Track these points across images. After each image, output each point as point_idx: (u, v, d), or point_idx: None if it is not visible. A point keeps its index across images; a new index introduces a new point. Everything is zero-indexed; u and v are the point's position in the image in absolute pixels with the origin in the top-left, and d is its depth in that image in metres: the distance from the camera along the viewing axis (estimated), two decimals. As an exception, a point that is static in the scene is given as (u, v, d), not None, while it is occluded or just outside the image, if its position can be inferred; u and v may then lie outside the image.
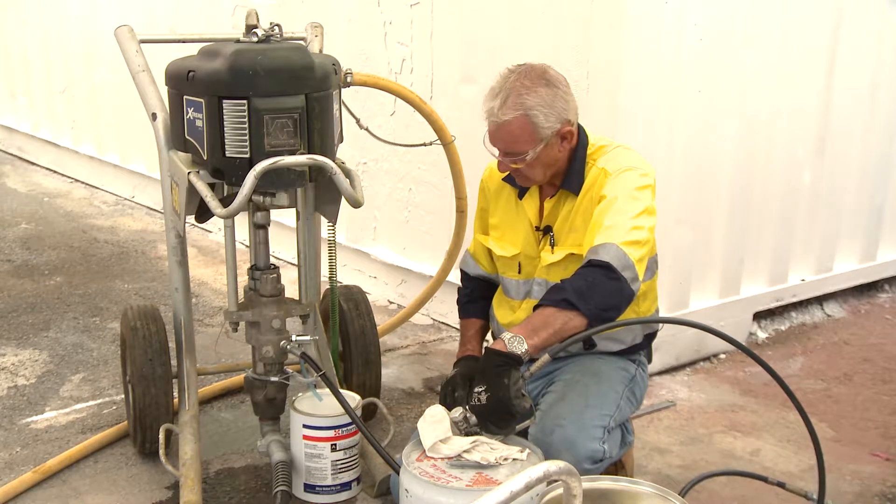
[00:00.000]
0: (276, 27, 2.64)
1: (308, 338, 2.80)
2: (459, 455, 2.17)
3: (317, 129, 2.53)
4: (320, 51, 3.11)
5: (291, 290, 3.06)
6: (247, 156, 2.46)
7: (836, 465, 3.16)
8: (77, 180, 7.16)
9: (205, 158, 2.53)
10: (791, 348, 4.29)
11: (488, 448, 2.19)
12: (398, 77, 4.41)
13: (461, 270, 2.96)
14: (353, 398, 2.92)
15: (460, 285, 2.96)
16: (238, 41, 2.60)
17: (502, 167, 2.56)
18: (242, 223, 2.87)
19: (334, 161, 2.57)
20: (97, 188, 6.94)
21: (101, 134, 6.87)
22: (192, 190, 2.59)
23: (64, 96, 7.19)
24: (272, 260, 2.89)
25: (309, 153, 2.50)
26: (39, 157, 7.66)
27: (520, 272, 2.71)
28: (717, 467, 3.12)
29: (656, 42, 3.61)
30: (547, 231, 2.64)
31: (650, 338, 2.79)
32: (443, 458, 2.18)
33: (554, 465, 1.60)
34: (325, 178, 2.59)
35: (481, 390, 2.23)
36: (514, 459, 2.19)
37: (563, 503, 1.68)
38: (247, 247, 2.97)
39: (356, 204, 2.60)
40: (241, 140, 2.46)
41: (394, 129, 4.34)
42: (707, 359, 4.09)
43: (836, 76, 4.35)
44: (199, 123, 2.51)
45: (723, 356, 4.11)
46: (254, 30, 2.60)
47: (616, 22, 3.53)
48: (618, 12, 3.53)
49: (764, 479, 2.77)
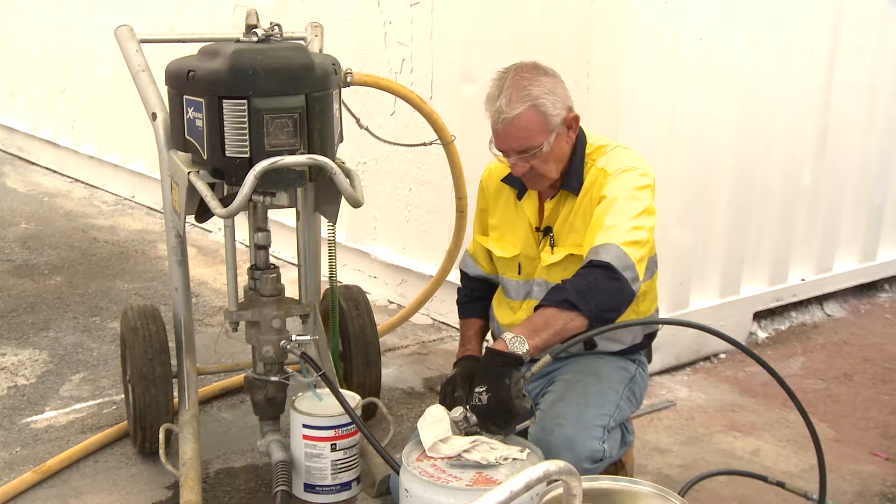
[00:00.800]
0: (275, 27, 2.64)
1: (308, 337, 2.80)
2: (459, 455, 2.17)
3: (317, 129, 2.53)
4: (320, 50, 3.11)
5: (291, 290, 3.06)
6: (247, 155, 2.46)
7: (836, 464, 3.16)
8: (77, 180, 7.16)
9: (205, 158, 2.53)
10: (791, 348, 4.29)
11: (488, 448, 2.19)
12: (398, 77, 4.41)
13: (461, 271, 2.96)
14: (353, 398, 2.92)
15: (460, 285, 2.96)
16: (238, 41, 2.60)
17: (519, 169, 2.51)
18: (242, 223, 2.87)
19: (334, 161, 2.57)
20: (97, 188, 6.94)
21: (101, 134, 6.87)
22: (191, 190, 2.59)
23: (64, 96, 7.19)
24: (272, 260, 2.89)
25: (309, 153, 2.50)
26: (39, 157, 7.66)
27: (520, 273, 2.71)
28: (716, 467, 3.12)
29: (656, 42, 3.61)
30: (547, 232, 2.64)
31: (650, 338, 2.79)
32: (443, 458, 2.18)
33: (554, 465, 1.60)
34: (325, 178, 2.59)
35: (482, 390, 2.23)
36: (513, 459, 2.19)
37: (563, 503, 1.68)
38: (247, 246, 2.97)
39: (356, 204, 2.60)
40: (241, 140, 2.46)
41: (394, 128, 4.34)
42: (707, 358, 4.09)
43: (836, 76, 4.35)
44: (199, 123, 2.51)
45: (723, 356, 4.11)
46: (254, 29, 2.60)
47: (616, 22, 3.53)
48: (618, 12, 3.53)
49: (764, 479, 2.77)
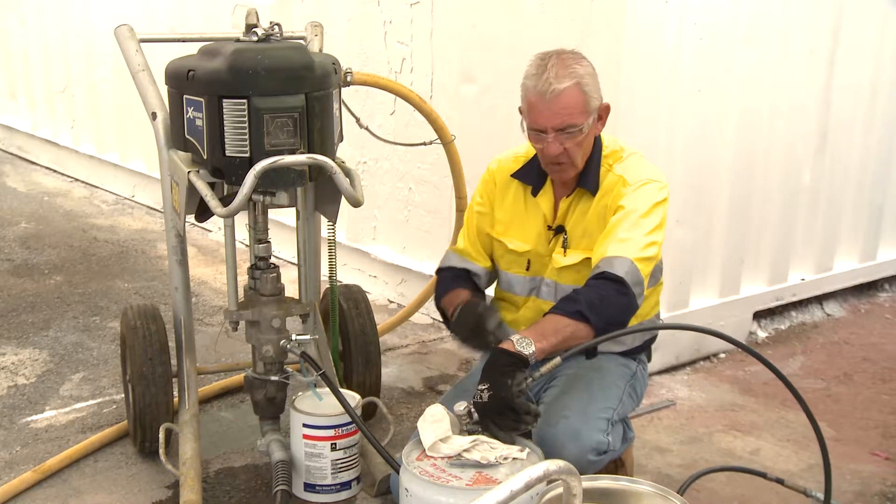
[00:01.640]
0: (275, 26, 2.64)
1: (308, 337, 2.80)
2: (459, 454, 2.17)
3: (317, 129, 2.53)
4: (320, 50, 3.11)
5: (291, 290, 3.06)
6: (247, 155, 2.46)
7: (836, 464, 3.15)
8: (77, 179, 7.15)
9: (205, 158, 2.53)
10: (791, 348, 4.29)
11: (488, 447, 2.19)
12: (398, 76, 4.41)
13: (439, 269, 2.86)
14: (353, 397, 2.92)
15: (437, 280, 2.86)
16: (238, 40, 2.60)
17: (553, 148, 2.46)
18: (242, 222, 2.87)
19: (334, 160, 2.57)
20: (97, 187, 6.94)
21: (100, 133, 6.87)
22: (191, 189, 2.59)
23: (64, 95, 7.19)
24: (272, 259, 2.89)
25: (309, 152, 2.50)
26: (39, 157, 7.66)
27: (528, 269, 2.70)
28: (716, 466, 3.13)
29: (656, 41, 3.61)
30: (559, 231, 2.63)
31: (650, 341, 2.80)
32: (443, 458, 2.18)
33: (554, 465, 1.60)
34: (325, 178, 2.59)
35: (484, 388, 2.23)
36: (513, 458, 2.19)
37: (563, 502, 1.68)
38: (246, 246, 2.97)
39: (356, 203, 2.60)
40: (240, 139, 2.46)
41: (394, 128, 4.34)
42: (707, 358, 4.09)
43: (837, 75, 4.34)
44: (198, 123, 2.51)
45: (723, 355, 4.11)
46: (254, 29, 2.60)
47: (616, 21, 3.53)
48: (618, 12, 3.53)
49: (763, 475, 2.77)
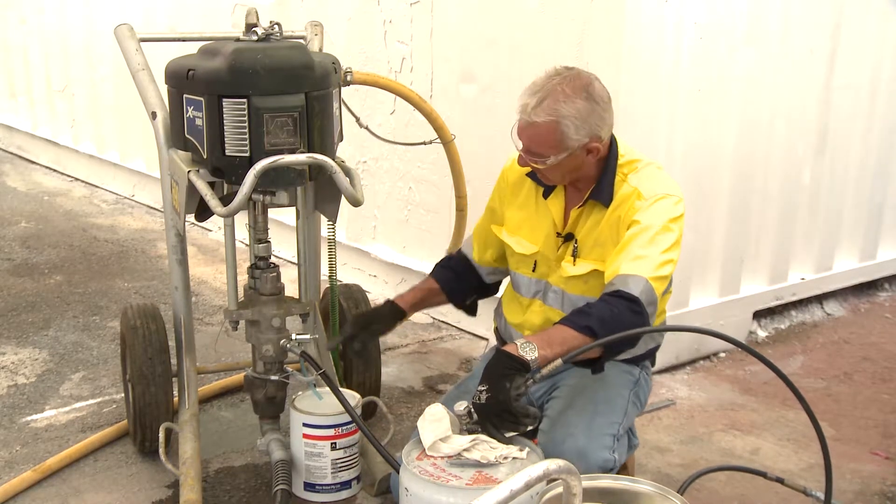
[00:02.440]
0: (275, 26, 2.64)
1: (308, 336, 2.80)
2: (459, 454, 2.17)
3: (317, 128, 2.53)
4: (320, 49, 3.11)
5: (291, 289, 3.06)
6: (247, 154, 2.46)
7: (836, 463, 3.15)
8: (77, 179, 7.16)
9: (204, 157, 2.53)
10: (791, 347, 4.29)
11: (488, 447, 2.19)
12: (398, 76, 4.41)
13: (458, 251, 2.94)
14: (353, 397, 2.91)
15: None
16: (238, 40, 2.60)
17: (522, 161, 2.52)
18: (242, 222, 2.87)
19: (334, 160, 2.57)
20: (97, 187, 6.94)
21: (100, 132, 6.87)
22: (191, 189, 2.59)
23: (63, 95, 7.19)
24: (272, 259, 2.89)
25: (309, 152, 2.50)
26: (39, 156, 7.66)
27: (534, 270, 2.68)
28: (716, 466, 3.13)
29: (656, 41, 3.61)
30: (568, 238, 2.59)
31: (654, 349, 2.75)
32: (443, 457, 2.18)
33: (554, 464, 1.60)
34: (324, 177, 2.59)
35: (483, 389, 2.23)
36: (513, 458, 2.19)
37: (562, 502, 1.68)
38: (246, 245, 2.97)
39: (356, 203, 2.60)
40: (240, 139, 2.46)
41: (394, 127, 4.34)
42: (707, 357, 4.09)
43: (836, 75, 4.34)
44: (198, 122, 2.51)
45: (723, 355, 4.11)
46: (253, 28, 2.60)
47: (616, 21, 3.53)
48: (617, 11, 3.52)
49: (763, 475, 2.77)
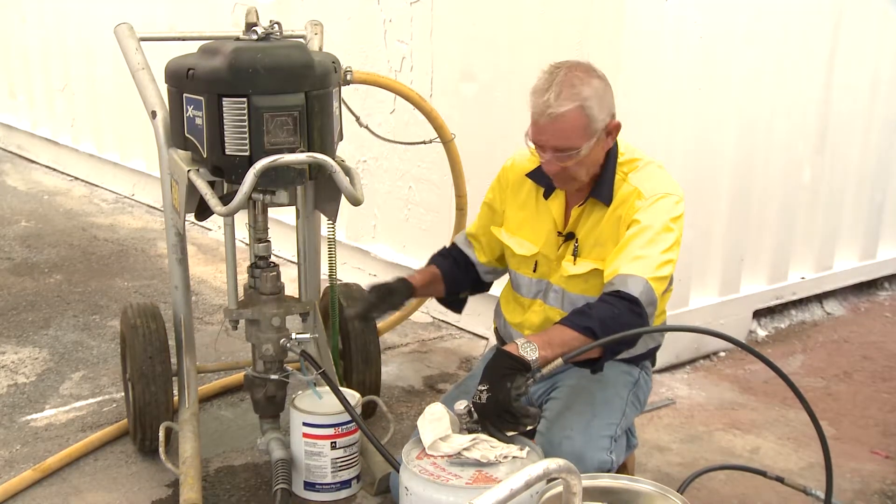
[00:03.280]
0: (275, 25, 2.64)
1: (308, 336, 2.80)
2: (459, 453, 2.17)
3: (316, 127, 2.53)
4: (320, 49, 3.11)
5: (291, 288, 3.06)
6: (246, 154, 2.46)
7: (836, 462, 3.15)
8: (77, 178, 7.15)
9: (204, 156, 2.53)
10: (791, 346, 4.29)
11: (488, 446, 2.19)
12: (398, 75, 4.41)
13: (451, 244, 2.90)
14: (353, 396, 2.92)
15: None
16: (238, 39, 2.60)
17: (551, 167, 2.44)
18: (242, 221, 2.87)
19: (334, 159, 2.57)
20: (97, 186, 6.94)
21: (100, 132, 6.87)
22: (191, 188, 2.59)
23: (63, 94, 7.19)
24: (272, 258, 2.89)
25: (309, 151, 2.50)
26: (39, 155, 7.66)
27: (535, 271, 2.67)
28: (716, 465, 3.13)
29: (656, 40, 3.61)
30: (569, 238, 2.59)
31: (655, 349, 2.76)
32: (443, 456, 2.18)
33: (554, 463, 1.60)
34: (324, 176, 2.59)
35: (483, 388, 2.23)
36: (513, 457, 2.19)
37: (562, 501, 1.69)
38: (246, 245, 2.97)
39: (356, 202, 2.60)
40: (240, 138, 2.46)
41: (393, 126, 4.34)
42: (707, 357, 4.09)
43: (837, 74, 4.35)
44: (198, 121, 2.51)
45: (723, 354, 4.11)
46: (253, 28, 2.60)
47: (616, 20, 3.53)
48: (617, 10, 3.52)
49: (763, 474, 2.77)
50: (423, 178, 4.44)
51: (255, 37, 2.57)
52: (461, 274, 2.83)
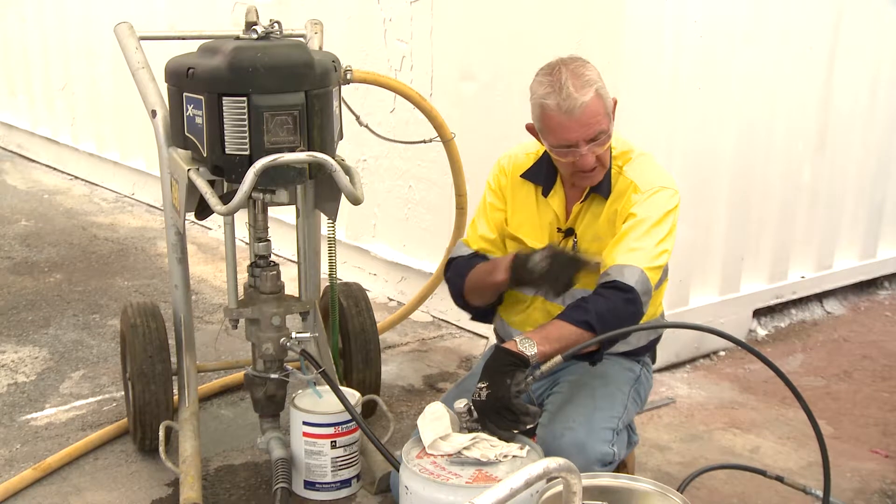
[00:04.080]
0: (275, 24, 2.64)
1: (308, 335, 2.80)
2: (459, 452, 2.17)
3: (316, 126, 2.53)
4: (320, 48, 3.11)
5: (291, 288, 3.06)
6: (246, 153, 2.46)
7: (836, 462, 3.16)
8: (77, 177, 7.15)
9: (204, 155, 2.53)
10: (791, 345, 4.29)
11: (488, 445, 2.19)
12: (398, 74, 4.41)
13: (450, 259, 2.77)
14: (353, 395, 2.92)
15: (450, 273, 2.74)
16: (238, 38, 2.60)
17: (589, 160, 2.43)
18: (242, 220, 2.87)
19: (334, 158, 2.57)
20: (97, 185, 6.94)
21: (100, 131, 6.87)
22: (191, 187, 2.59)
23: (63, 93, 7.19)
24: (272, 257, 2.89)
25: (309, 150, 2.50)
26: (39, 154, 7.66)
27: None
28: (716, 464, 3.13)
29: (656, 39, 3.61)
30: (569, 233, 2.61)
31: (655, 341, 2.78)
32: (443, 455, 2.18)
33: (554, 462, 1.60)
34: (324, 175, 2.59)
35: (483, 386, 2.23)
36: (513, 456, 2.19)
37: (562, 500, 1.69)
38: (246, 244, 2.97)
39: (356, 201, 2.60)
40: (240, 137, 2.46)
41: (393, 126, 4.34)
42: (707, 356, 4.09)
43: (836, 73, 4.34)
44: (198, 120, 2.51)
45: (723, 353, 4.11)
46: (253, 27, 2.60)
47: (616, 20, 3.53)
48: (617, 10, 3.52)
49: (762, 473, 2.78)
50: (423, 178, 4.44)
51: (255, 36, 2.57)
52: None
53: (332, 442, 2.82)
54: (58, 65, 7.16)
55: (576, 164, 2.45)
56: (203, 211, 2.78)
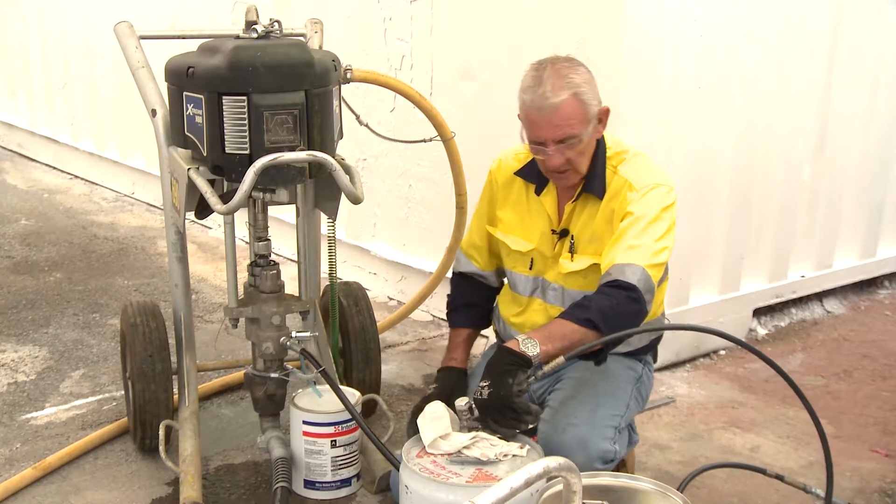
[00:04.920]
0: (275, 23, 2.64)
1: (308, 334, 2.80)
2: (459, 451, 2.18)
3: (316, 126, 2.53)
4: (320, 47, 3.11)
5: (291, 287, 3.06)
6: (246, 152, 2.46)
7: (836, 461, 3.13)
8: (77, 177, 7.15)
9: (204, 155, 2.53)
10: (791, 345, 4.29)
11: (488, 444, 2.20)
12: (398, 73, 4.41)
13: (453, 273, 2.92)
14: (353, 394, 2.92)
15: (450, 290, 2.91)
16: (238, 37, 2.60)
17: (555, 161, 2.45)
18: (242, 220, 2.87)
19: (334, 157, 2.57)
20: (97, 184, 6.94)
21: (100, 130, 6.87)
22: (191, 186, 2.59)
23: (63, 92, 7.19)
24: (272, 256, 2.89)
25: (309, 149, 2.50)
26: (39, 154, 7.66)
27: (531, 268, 2.68)
28: (716, 464, 3.13)
29: (656, 39, 3.60)
30: (563, 234, 2.61)
31: (656, 341, 2.78)
32: (443, 455, 2.19)
33: (553, 462, 1.60)
34: (324, 175, 2.59)
35: (485, 385, 2.24)
36: (513, 456, 2.19)
37: (562, 499, 1.69)
38: (247, 243, 2.97)
39: (356, 200, 2.60)
40: (240, 136, 2.46)
41: (393, 125, 4.34)
42: (707, 355, 4.09)
43: (836, 73, 4.34)
44: (198, 120, 2.51)
45: (723, 352, 4.12)
46: (253, 26, 2.60)
47: (616, 19, 3.53)
48: (617, 9, 3.52)
49: (762, 472, 2.78)
50: (423, 177, 4.44)
51: (254, 35, 2.58)
52: (483, 310, 2.86)
53: (332, 441, 2.82)
54: (58, 64, 7.16)
55: (545, 162, 2.49)
56: (203, 210, 2.78)
